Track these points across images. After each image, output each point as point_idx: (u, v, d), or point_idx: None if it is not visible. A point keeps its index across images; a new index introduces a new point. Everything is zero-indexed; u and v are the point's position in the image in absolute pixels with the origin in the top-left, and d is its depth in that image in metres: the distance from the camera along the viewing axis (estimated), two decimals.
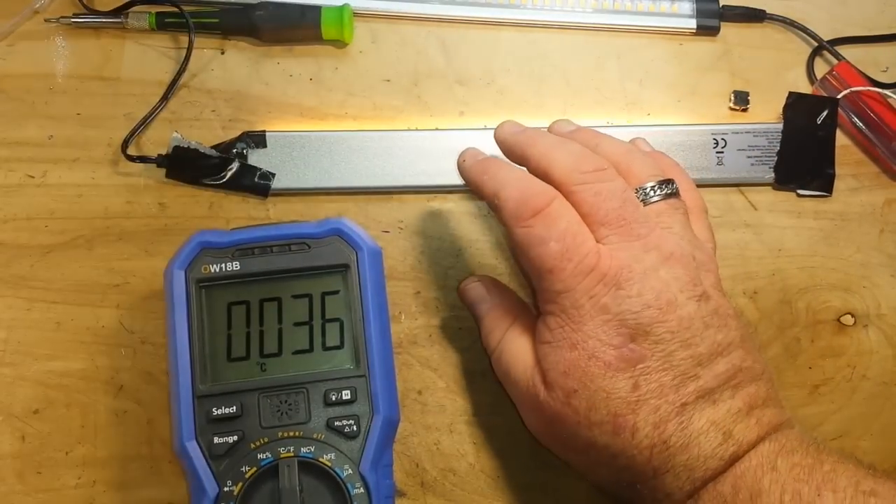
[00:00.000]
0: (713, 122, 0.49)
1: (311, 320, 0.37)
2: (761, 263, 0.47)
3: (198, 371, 0.35)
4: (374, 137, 0.47)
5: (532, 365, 0.36)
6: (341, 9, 0.49)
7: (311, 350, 0.36)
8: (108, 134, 0.46)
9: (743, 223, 0.47)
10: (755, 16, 0.52)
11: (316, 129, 0.47)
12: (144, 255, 0.44)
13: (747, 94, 0.50)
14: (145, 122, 0.46)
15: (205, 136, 0.47)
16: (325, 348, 0.36)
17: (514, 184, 0.36)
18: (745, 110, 0.50)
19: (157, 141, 0.47)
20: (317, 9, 0.49)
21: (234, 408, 0.35)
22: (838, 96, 0.49)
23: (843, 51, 0.51)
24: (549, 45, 0.52)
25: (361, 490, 0.34)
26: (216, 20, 0.49)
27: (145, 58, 0.49)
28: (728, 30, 0.52)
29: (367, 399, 0.35)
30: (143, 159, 0.45)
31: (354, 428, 0.35)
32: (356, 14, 0.50)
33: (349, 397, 0.35)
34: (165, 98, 0.47)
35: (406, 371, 0.43)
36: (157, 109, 0.47)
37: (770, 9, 0.52)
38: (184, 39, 0.49)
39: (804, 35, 0.52)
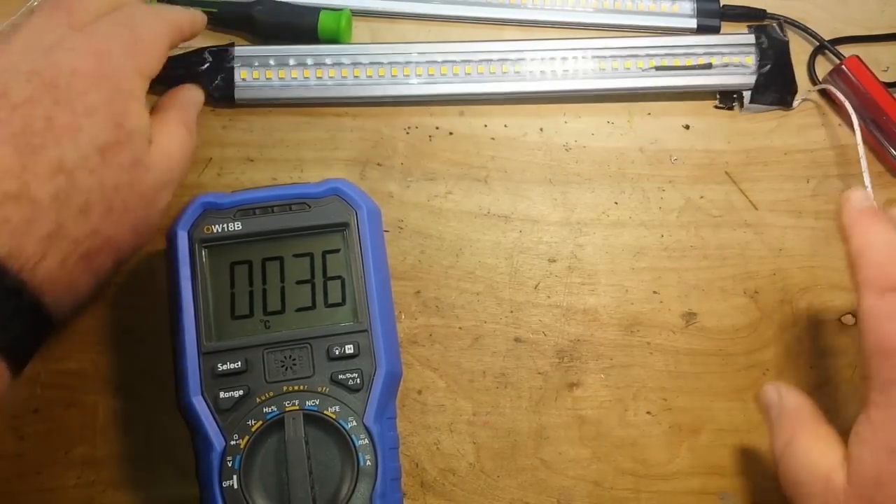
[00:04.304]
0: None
1: (313, 278, 0.38)
2: (762, 263, 0.47)
3: (202, 328, 0.36)
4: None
5: (825, 472, 0.32)
6: (339, 14, 0.48)
7: (313, 307, 0.37)
8: None
9: (744, 222, 0.47)
10: (755, 16, 0.52)
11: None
12: (145, 254, 0.44)
13: (733, 93, 0.50)
14: None
15: (204, 135, 0.47)
16: (328, 305, 0.37)
17: (881, 248, 0.33)
18: (730, 108, 0.50)
19: None
20: (315, 11, 0.49)
21: (239, 363, 0.35)
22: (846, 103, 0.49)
23: (844, 50, 0.51)
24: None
25: (366, 441, 0.34)
26: (214, 10, 0.49)
27: None
28: (729, 29, 0.52)
29: (370, 353, 0.36)
30: None
31: (358, 381, 0.35)
32: (355, 13, 0.50)
33: (352, 352, 0.36)
34: None
35: (406, 371, 0.43)
36: None
37: (770, 9, 0.52)
38: None
39: (804, 35, 0.52)
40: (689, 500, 0.42)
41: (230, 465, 0.34)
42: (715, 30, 0.52)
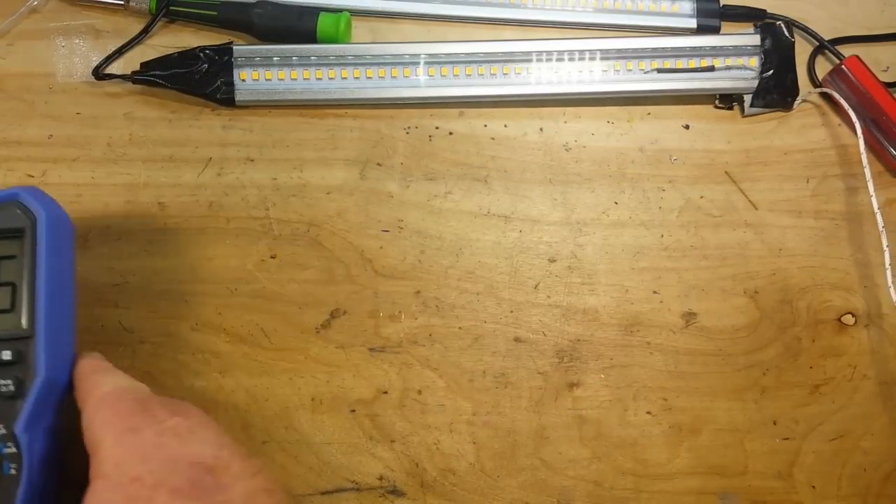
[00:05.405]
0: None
1: None
2: (762, 263, 0.47)
3: None
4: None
5: None
6: (338, 17, 0.48)
7: None
8: (108, 134, 0.46)
9: (744, 222, 0.47)
10: (755, 16, 0.52)
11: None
12: (144, 254, 0.44)
13: (732, 95, 0.50)
14: (122, 52, 0.48)
15: (204, 135, 0.47)
16: None
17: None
18: (730, 108, 0.50)
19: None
20: (314, 13, 0.48)
21: None
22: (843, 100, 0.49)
23: (844, 50, 0.51)
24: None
25: (13, 450, 0.33)
26: (214, 13, 0.49)
27: (145, 57, 0.48)
28: (728, 30, 0.52)
29: (30, 360, 0.35)
30: (115, 76, 0.47)
31: (12, 388, 0.34)
32: (355, 14, 0.50)
33: (10, 358, 0.34)
34: (146, 31, 0.49)
35: (406, 371, 0.43)
36: (136, 40, 0.49)
37: (770, 9, 0.52)
38: (185, 38, 0.49)
39: (805, 34, 0.52)
40: (689, 500, 0.42)
41: None
42: (715, 30, 0.52)
